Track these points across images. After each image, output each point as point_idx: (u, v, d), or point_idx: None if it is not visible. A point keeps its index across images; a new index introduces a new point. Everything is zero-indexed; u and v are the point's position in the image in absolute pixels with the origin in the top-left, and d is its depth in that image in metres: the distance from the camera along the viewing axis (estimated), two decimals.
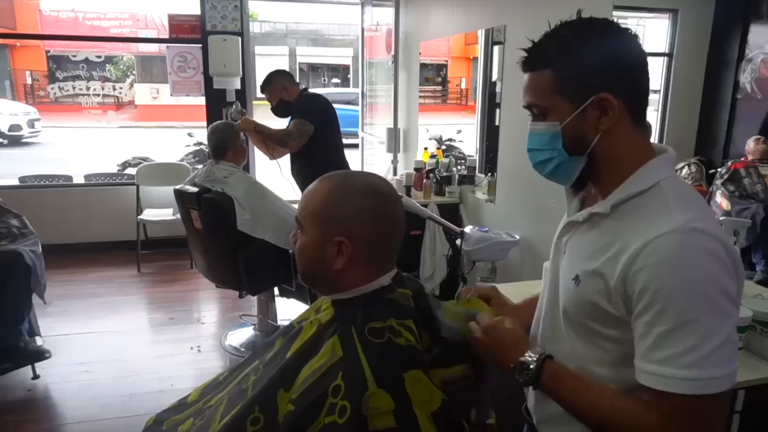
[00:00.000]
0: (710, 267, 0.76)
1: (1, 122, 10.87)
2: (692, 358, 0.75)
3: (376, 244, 1.00)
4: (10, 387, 2.64)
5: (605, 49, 0.85)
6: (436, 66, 8.26)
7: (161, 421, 1.25)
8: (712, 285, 0.76)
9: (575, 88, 0.85)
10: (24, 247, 2.66)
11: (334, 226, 0.98)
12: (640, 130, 0.86)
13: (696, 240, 0.77)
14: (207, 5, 4.32)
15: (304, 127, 2.89)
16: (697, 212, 0.80)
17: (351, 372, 0.90)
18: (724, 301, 0.76)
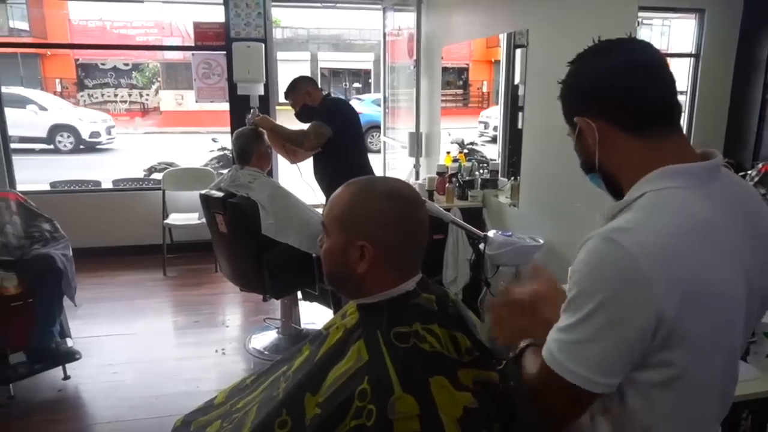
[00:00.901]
0: (592, 273, 0.79)
1: (82, 129, 11.27)
2: (560, 334, 0.82)
3: (399, 249, 1.01)
4: (42, 387, 2.70)
5: (582, 73, 0.90)
6: (457, 69, 8.23)
7: (189, 422, 1.27)
8: (584, 284, 0.79)
9: (565, 115, 0.93)
10: (56, 251, 2.73)
11: (356, 231, 0.99)
12: (644, 140, 0.85)
13: (601, 247, 0.78)
14: (231, 12, 4.39)
15: (321, 129, 2.88)
16: (639, 222, 0.79)
17: (377, 376, 0.91)
18: (584, 306, 0.78)
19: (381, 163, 5.18)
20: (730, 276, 0.80)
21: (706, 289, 0.77)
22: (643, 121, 0.85)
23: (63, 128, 11.16)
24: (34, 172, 7.46)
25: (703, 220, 0.80)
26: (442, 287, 1.13)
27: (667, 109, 0.85)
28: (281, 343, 3.12)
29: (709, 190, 0.82)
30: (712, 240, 0.79)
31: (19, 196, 3.02)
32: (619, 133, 0.86)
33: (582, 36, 0.98)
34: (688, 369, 0.80)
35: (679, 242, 0.77)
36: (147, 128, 14.73)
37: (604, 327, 0.77)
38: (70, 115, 11.69)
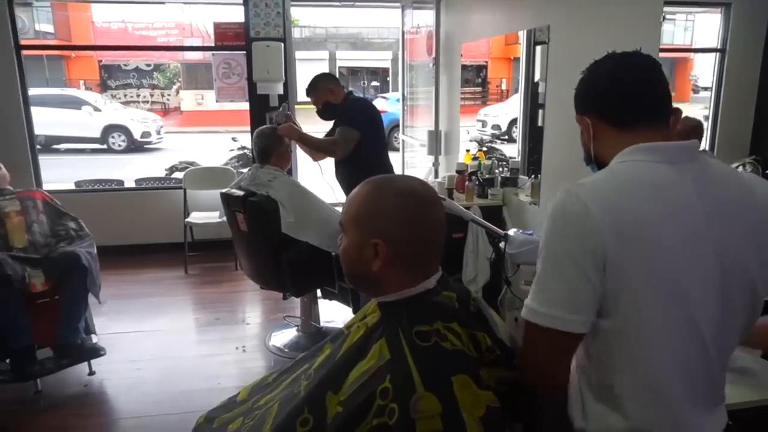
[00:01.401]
0: (555, 220, 0.93)
1: (134, 129, 11.58)
2: (532, 290, 0.94)
3: (414, 247, 1.01)
4: (68, 382, 2.75)
5: (582, 80, 1.06)
6: (476, 67, 8.20)
7: (212, 419, 1.28)
8: (548, 235, 0.93)
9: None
10: (81, 249, 2.78)
11: (370, 229, 1.00)
12: (626, 132, 0.98)
13: (561, 197, 0.93)
14: (251, 12, 4.42)
15: (350, 135, 2.88)
16: (596, 179, 0.94)
17: (399, 375, 0.91)
18: (559, 249, 0.91)
19: (400, 161, 5.17)
20: (672, 233, 0.89)
21: (641, 235, 0.88)
22: (624, 117, 0.99)
23: (116, 128, 11.48)
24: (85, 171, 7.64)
25: (652, 182, 0.91)
26: (463, 285, 1.12)
27: (646, 108, 0.98)
28: (301, 340, 3.14)
29: (677, 166, 0.92)
30: (657, 198, 0.90)
31: (46, 195, 3.08)
32: (607, 127, 1.01)
33: (605, 32, 1.01)
34: (631, 319, 0.90)
35: (622, 193, 0.91)
36: (168, 128, 14.93)
37: (562, 264, 0.90)
38: (122, 115, 12.03)
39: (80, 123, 11.15)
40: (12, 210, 2.82)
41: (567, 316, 0.89)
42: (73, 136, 11.20)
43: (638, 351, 0.92)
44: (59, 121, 10.92)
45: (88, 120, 11.22)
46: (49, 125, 10.86)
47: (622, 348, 0.92)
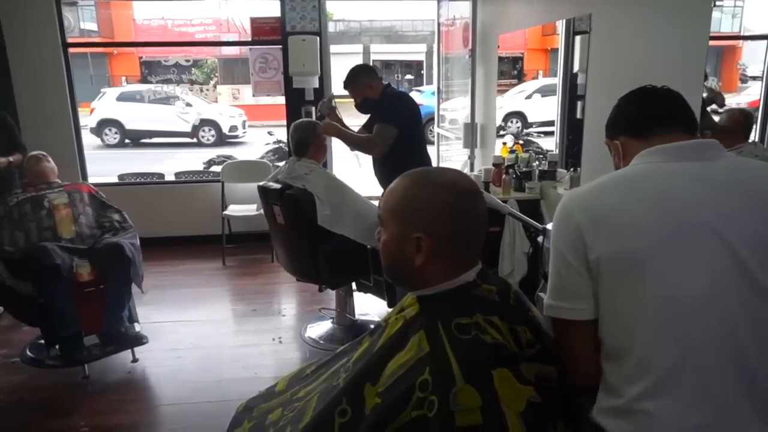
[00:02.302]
0: (553, 223, 1.07)
1: (222, 124, 12.03)
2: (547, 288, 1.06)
3: (456, 240, 1.00)
4: (113, 368, 2.85)
5: (614, 109, 1.19)
6: (512, 59, 8.05)
7: (251, 408, 1.30)
8: (551, 237, 1.06)
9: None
10: (124, 240, 2.86)
11: (412, 223, 0.99)
12: (647, 141, 1.07)
13: (561, 201, 1.06)
14: (287, 7, 4.45)
15: (388, 133, 2.85)
16: (585, 185, 1.08)
17: (438, 367, 0.90)
18: (554, 249, 1.04)
19: (435, 154, 5.14)
20: (646, 216, 0.95)
21: (610, 221, 0.97)
22: (644, 127, 1.10)
23: (206, 123, 11.90)
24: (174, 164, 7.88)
25: (638, 176, 1.02)
26: (503, 278, 1.11)
27: (662, 116, 1.09)
28: (336, 333, 3.16)
29: (678, 163, 1.00)
30: (636, 189, 0.99)
31: (91, 188, 3.19)
32: (634, 142, 1.10)
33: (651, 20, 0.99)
34: (609, 299, 0.98)
35: (601, 190, 1.03)
36: None
37: (558, 262, 1.03)
38: (212, 110, 12.45)
39: (173, 118, 11.70)
40: (60, 202, 2.93)
41: (563, 303, 1.02)
42: (165, 130, 11.76)
43: (622, 339, 0.97)
44: (152, 117, 11.62)
45: (180, 115, 11.72)
46: (142, 120, 11.72)
47: (611, 335, 0.99)
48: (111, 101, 12.22)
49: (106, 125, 11.86)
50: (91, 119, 11.93)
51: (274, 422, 1.20)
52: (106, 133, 11.88)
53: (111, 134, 11.91)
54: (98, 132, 11.86)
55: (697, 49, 2.00)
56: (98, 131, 11.85)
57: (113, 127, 11.87)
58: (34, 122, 4.36)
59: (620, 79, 2.40)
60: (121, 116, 11.82)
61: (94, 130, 11.81)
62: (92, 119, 11.92)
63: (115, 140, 11.89)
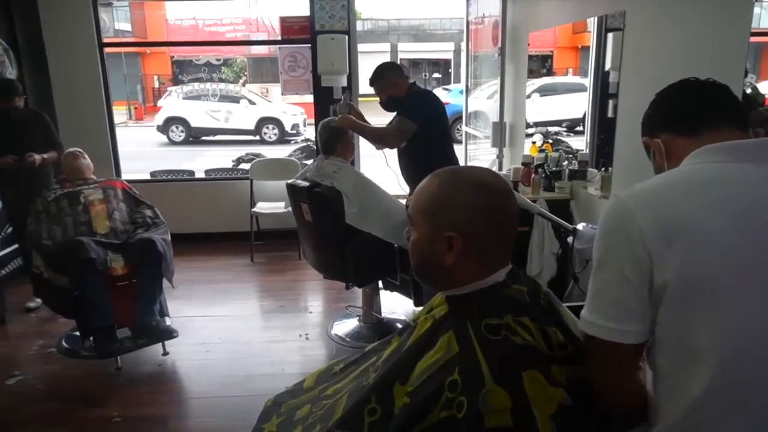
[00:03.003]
0: (605, 224, 0.92)
1: (285, 122, 12.34)
2: (587, 299, 0.93)
3: (488, 240, 0.99)
4: (145, 361, 2.91)
5: (654, 104, 1.08)
6: (541, 57, 7.95)
7: (280, 404, 1.31)
8: (597, 243, 0.92)
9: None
10: (156, 236, 2.92)
11: (443, 222, 0.99)
12: (697, 139, 0.96)
13: (608, 205, 0.93)
14: (316, 6, 4.48)
15: (405, 127, 2.83)
16: (643, 183, 0.94)
17: (468, 368, 0.89)
18: (604, 258, 0.90)
19: (462, 153, 5.11)
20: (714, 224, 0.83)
21: (680, 230, 0.84)
22: (694, 122, 0.98)
23: (269, 121, 12.19)
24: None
25: (704, 179, 0.89)
26: (534, 279, 1.09)
27: (714, 109, 0.99)
28: (362, 330, 3.17)
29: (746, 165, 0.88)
30: (705, 193, 0.87)
31: (125, 184, 3.26)
32: (680, 139, 0.99)
33: (689, 16, 0.96)
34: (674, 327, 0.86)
35: (664, 191, 0.90)
36: None
37: (609, 272, 0.89)
38: (275, 108, 12.77)
39: (237, 116, 12.03)
40: (96, 198, 3.01)
41: (616, 326, 0.88)
42: (229, 128, 12.08)
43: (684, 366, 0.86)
44: (218, 114, 11.93)
45: (244, 113, 12.05)
46: (207, 117, 12.07)
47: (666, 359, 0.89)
48: (177, 100, 12.69)
49: (172, 123, 12.28)
50: (158, 117, 12.43)
51: (302, 418, 1.20)
52: (172, 131, 12.30)
53: (177, 132, 12.32)
54: (164, 129, 12.29)
55: (738, 45, 1.94)
56: (164, 129, 12.28)
57: (179, 124, 12.28)
58: (71, 120, 4.48)
59: (656, 76, 2.34)
60: (186, 114, 12.22)
61: (160, 127, 12.28)
62: (159, 117, 12.41)
63: (180, 138, 12.28)
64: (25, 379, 2.78)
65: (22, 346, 3.13)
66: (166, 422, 2.45)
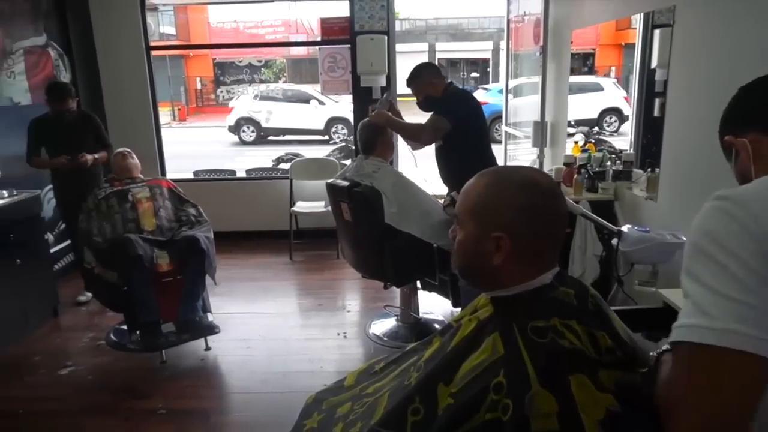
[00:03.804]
0: (710, 220, 0.77)
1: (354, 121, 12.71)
2: (683, 307, 0.76)
3: (536, 241, 0.98)
4: (187, 355, 2.99)
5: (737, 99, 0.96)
6: (582, 55, 7.82)
7: (320, 401, 1.32)
8: (705, 235, 0.76)
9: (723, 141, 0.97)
10: (200, 234, 3.00)
11: (491, 222, 0.97)
12: None
13: (711, 202, 0.79)
14: (356, 6, 4.51)
15: (439, 124, 2.81)
16: (747, 185, 0.82)
17: (514, 370, 0.88)
18: (714, 249, 0.74)
19: (502, 153, 5.05)
20: None
21: None
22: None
23: (338, 121, 12.43)
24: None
25: None
26: (582, 282, 1.07)
27: None
28: (400, 330, 3.17)
29: None
30: None
31: (170, 183, 3.35)
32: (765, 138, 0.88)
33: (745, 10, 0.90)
34: None
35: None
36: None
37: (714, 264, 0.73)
38: (344, 108, 12.92)
39: (307, 116, 12.32)
40: (143, 196, 3.11)
41: (758, 332, 0.68)
42: (300, 128, 12.37)
43: None
44: (289, 115, 12.30)
45: (314, 113, 12.34)
46: (279, 118, 12.44)
47: None
48: (249, 100, 13.07)
49: (243, 123, 12.64)
50: (230, 118, 12.82)
51: (343, 416, 1.21)
52: (243, 131, 12.66)
53: (248, 132, 12.68)
54: (236, 130, 12.67)
55: None
56: (236, 129, 12.66)
57: (250, 125, 12.63)
58: (119, 121, 4.65)
59: (709, 74, 2.26)
60: (258, 114, 12.55)
61: (232, 128, 12.67)
62: (231, 118, 12.80)
63: (251, 138, 12.63)
64: (77, 370, 2.89)
65: (73, 338, 3.27)
66: (208, 416, 2.51)
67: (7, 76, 3.81)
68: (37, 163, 3.54)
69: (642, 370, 0.98)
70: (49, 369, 2.89)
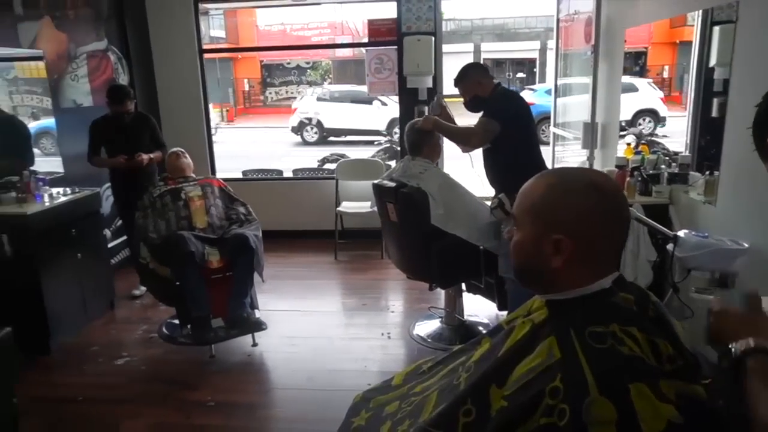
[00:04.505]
0: None
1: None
2: None
3: (598, 244, 0.95)
4: (235, 350, 3.07)
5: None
6: (634, 54, 7.58)
7: (368, 399, 1.34)
8: None
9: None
10: (249, 232, 3.07)
11: (552, 224, 0.96)
12: None
13: None
14: (403, 8, 4.52)
15: (489, 127, 2.77)
16: None
17: (571, 375, 0.86)
18: None
19: (549, 155, 4.95)
20: None
21: None
22: None
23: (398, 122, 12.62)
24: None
25: None
26: (642, 287, 1.03)
27: None
28: (444, 332, 3.16)
29: None
30: None
31: (221, 182, 3.45)
32: None
33: None
34: None
35: None
36: None
37: None
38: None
39: (369, 117, 12.36)
40: (195, 195, 3.20)
41: None
42: (360, 128, 12.46)
43: None
44: (350, 115, 12.49)
45: (375, 114, 12.40)
46: (341, 119, 12.63)
47: None
48: (311, 101, 13.29)
49: (306, 124, 12.87)
50: (293, 119, 13.09)
51: (391, 414, 1.22)
52: (306, 131, 12.90)
53: (311, 132, 12.90)
54: (298, 130, 12.91)
55: None
56: (299, 129, 12.91)
57: (313, 125, 12.84)
58: (173, 122, 4.81)
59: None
60: (320, 115, 12.76)
61: (294, 128, 12.94)
62: (294, 119, 13.06)
63: (314, 138, 12.83)
64: (132, 360, 3.01)
65: (128, 330, 3.40)
66: (255, 410, 2.57)
67: (72, 79, 4.00)
68: (97, 162, 3.71)
69: (705, 381, 0.95)
70: (106, 359, 3.03)
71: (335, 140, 12.67)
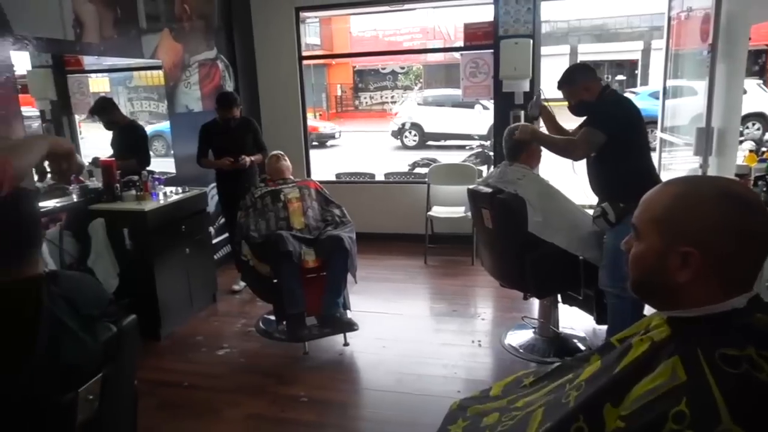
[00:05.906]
0: None
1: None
2: None
3: (733, 260, 0.87)
4: (328, 349, 3.14)
5: None
6: (752, 53, 6.93)
7: (465, 408, 1.31)
8: None
9: None
10: (344, 233, 3.14)
11: (680, 236, 0.89)
12: None
13: None
14: (501, 11, 4.44)
15: (593, 138, 2.57)
16: None
17: (699, 400, 0.80)
18: None
19: (656, 161, 4.65)
20: None
21: None
22: None
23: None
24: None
25: None
26: None
27: None
28: (537, 344, 3.05)
29: None
30: None
31: (317, 185, 3.56)
32: None
33: None
34: None
35: None
36: None
37: None
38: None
39: (470, 121, 12.38)
40: (293, 196, 3.33)
41: None
42: (460, 133, 12.53)
43: None
44: (451, 120, 12.61)
45: (477, 118, 12.38)
46: (441, 123, 12.80)
47: None
48: (412, 106, 13.57)
49: (407, 128, 13.13)
50: (394, 123, 13.42)
51: (490, 426, 1.19)
52: (406, 136, 13.16)
53: (411, 137, 13.15)
54: (398, 134, 13.20)
55: None
56: (399, 134, 13.20)
57: (413, 129, 13.09)
58: (273, 125, 5.04)
59: None
60: (421, 120, 12.98)
61: (395, 132, 13.26)
62: (395, 123, 13.38)
63: (414, 142, 13.02)
64: (232, 352, 3.18)
65: (228, 323, 3.59)
66: (346, 409, 2.62)
67: (185, 86, 4.31)
68: (205, 164, 3.97)
69: None
70: (209, 349, 3.22)
71: (433, 144, 12.63)
